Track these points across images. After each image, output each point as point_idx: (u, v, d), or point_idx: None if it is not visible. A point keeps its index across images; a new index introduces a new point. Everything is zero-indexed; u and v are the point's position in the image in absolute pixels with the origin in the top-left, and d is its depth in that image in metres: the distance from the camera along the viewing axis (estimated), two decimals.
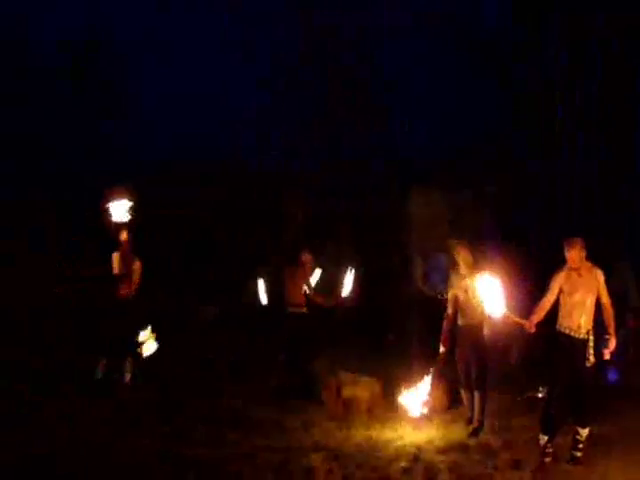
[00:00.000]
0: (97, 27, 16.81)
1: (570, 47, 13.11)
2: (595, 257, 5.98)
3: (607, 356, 5.87)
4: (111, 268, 8.14)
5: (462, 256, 6.86)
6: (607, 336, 5.85)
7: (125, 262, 8.11)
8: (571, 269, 5.84)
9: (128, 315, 8.07)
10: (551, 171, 13.08)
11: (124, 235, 8.08)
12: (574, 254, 5.77)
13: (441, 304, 7.47)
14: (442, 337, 7.02)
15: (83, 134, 16.69)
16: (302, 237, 12.74)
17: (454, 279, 7.03)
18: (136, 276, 8.19)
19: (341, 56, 15.22)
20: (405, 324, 10.09)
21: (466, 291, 6.80)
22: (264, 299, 10.01)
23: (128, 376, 8.12)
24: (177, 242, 14.64)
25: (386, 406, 7.55)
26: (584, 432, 5.90)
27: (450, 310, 7.00)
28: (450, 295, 7.04)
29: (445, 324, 7.04)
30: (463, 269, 6.84)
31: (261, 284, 10.10)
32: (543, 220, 12.77)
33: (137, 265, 8.21)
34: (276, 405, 7.59)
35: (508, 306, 5.86)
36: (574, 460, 5.90)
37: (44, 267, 13.11)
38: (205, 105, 16.38)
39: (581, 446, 5.92)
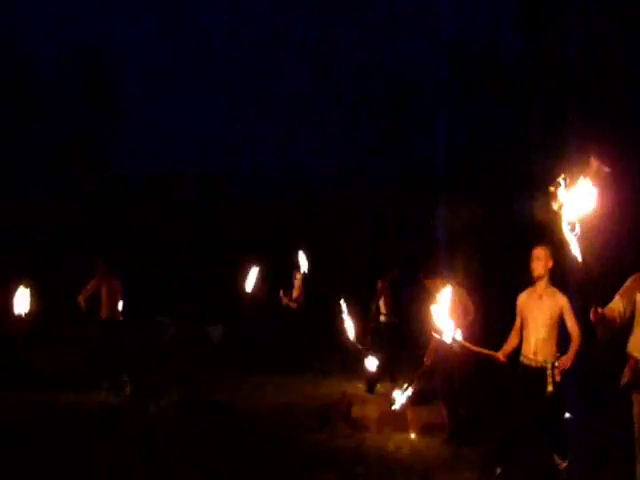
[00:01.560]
0: (99, 32, 16.85)
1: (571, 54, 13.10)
2: None
3: (557, 377, 5.31)
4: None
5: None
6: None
7: (102, 287, 8.64)
8: (532, 291, 5.52)
9: (119, 334, 8.74)
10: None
11: (101, 271, 8.64)
12: (538, 263, 5.44)
13: None
14: (428, 351, 7.15)
15: (83, 135, 16.68)
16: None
17: None
18: (117, 297, 8.72)
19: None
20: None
21: None
22: (250, 286, 10.04)
23: (128, 390, 8.53)
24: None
25: (395, 424, 7.58)
26: (563, 464, 5.40)
27: None
28: None
29: (432, 339, 7.02)
30: None
31: (254, 272, 10.17)
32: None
33: (116, 287, 8.72)
34: (287, 424, 7.59)
35: (463, 335, 5.54)
36: None
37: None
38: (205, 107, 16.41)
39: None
